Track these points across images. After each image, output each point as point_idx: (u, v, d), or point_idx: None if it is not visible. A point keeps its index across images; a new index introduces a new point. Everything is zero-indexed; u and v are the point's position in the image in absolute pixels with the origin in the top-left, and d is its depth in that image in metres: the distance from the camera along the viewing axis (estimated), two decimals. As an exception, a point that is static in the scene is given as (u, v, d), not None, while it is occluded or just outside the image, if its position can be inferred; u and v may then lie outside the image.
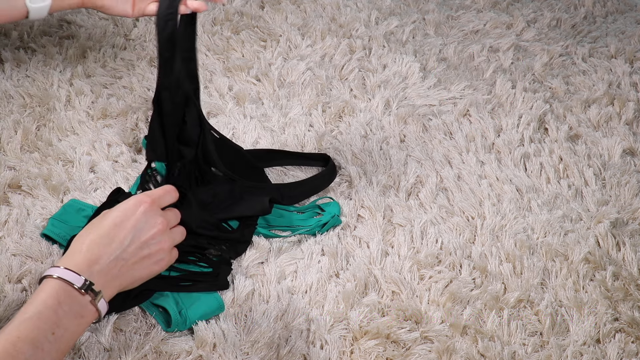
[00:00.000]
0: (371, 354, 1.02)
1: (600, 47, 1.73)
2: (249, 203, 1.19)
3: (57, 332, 0.68)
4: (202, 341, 1.00)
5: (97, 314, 0.72)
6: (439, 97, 1.52)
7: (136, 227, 0.77)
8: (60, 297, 0.70)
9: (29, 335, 0.67)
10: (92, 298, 0.71)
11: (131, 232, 0.76)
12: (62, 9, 1.23)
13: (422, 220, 1.22)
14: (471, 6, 1.85)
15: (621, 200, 1.31)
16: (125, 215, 0.77)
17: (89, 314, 0.71)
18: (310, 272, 1.12)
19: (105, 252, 0.74)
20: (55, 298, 0.69)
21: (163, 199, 0.81)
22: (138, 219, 0.77)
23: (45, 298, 0.69)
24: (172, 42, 1.09)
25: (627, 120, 1.50)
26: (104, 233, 0.76)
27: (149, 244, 0.78)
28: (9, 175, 1.21)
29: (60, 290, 0.70)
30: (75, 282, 0.70)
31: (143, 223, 0.77)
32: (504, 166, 1.36)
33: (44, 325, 0.68)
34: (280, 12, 1.72)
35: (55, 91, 1.41)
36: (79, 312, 0.70)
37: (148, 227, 0.77)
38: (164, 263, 0.79)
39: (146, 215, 0.78)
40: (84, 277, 0.71)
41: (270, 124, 1.40)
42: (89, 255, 0.74)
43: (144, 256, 0.77)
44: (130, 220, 0.77)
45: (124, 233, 0.76)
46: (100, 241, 0.75)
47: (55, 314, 0.69)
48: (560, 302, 1.12)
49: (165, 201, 0.81)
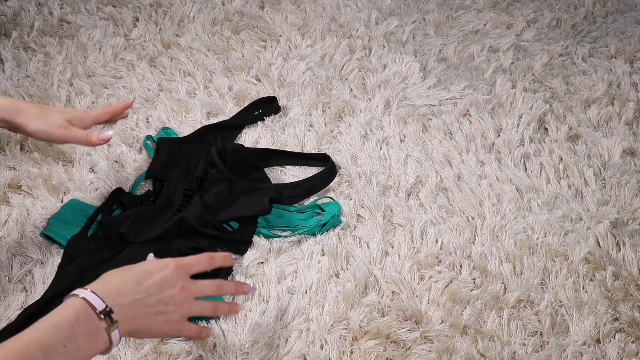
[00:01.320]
0: (371, 354, 1.02)
1: (600, 47, 1.73)
2: (249, 203, 1.19)
3: (69, 346, 0.70)
4: (202, 341, 1.00)
5: (108, 343, 0.75)
6: (439, 97, 1.51)
7: (162, 281, 0.82)
8: (80, 315, 0.73)
9: (43, 342, 0.69)
10: (107, 325, 0.74)
11: (157, 284, 0.82)
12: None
13: (422, 220, 1.22)
14: (471, 6, 1.85)
15: (621, 200, 1.31)
16: (156, 268, 0.83)
17: (102, 341, 0.74)
18: (310, 272, 1.12)
19: (132, 290, 0.80)
20: (75, 314, 0.73)
21: (193, 267, 0.87)
22: (165, 275, 0.82)
23: (66, 313, 0.73)
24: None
25: (627, 120, 1.50)
26: (134, 275, 0.81)
27: (168, 302, 0.82)
28: (9, 175, 1.21)
29: (81, 309, 0.74)
30: (97, 305, 0.73)
31: (169, 281, 0.83)
32: (504, 166, 1.36)
33: (59, 336, 0.71)
34: (280, 12, 1.72)
35: (55, 91, 1.41)
36: (92, 335, 0.73)
37: (171, 285, 0.83)
38: (174, 327, 0.83)
39: (172, 274, 0.83)
40: (106, 303, 0.73)
41: (271, 124, 1.40)
42: (117, 287, 0.78)
43: (160, 311, 0.82)
44: (160, 273, 0.82)
45: (151, 282, 0.81)
46: (130, 281, 0.80)
47: (71, 329, 0.72)
48: (560, 302, 1.12)
49: (195, 269, 0.87)
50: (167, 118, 1.39)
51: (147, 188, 1.25)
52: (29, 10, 1.64)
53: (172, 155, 1.28)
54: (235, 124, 1.38)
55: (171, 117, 1.40)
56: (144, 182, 1.26)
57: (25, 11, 1.64)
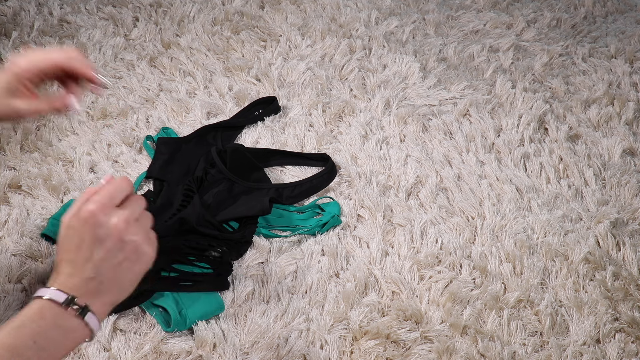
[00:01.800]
0: (371, 354, 1.02)
1: (600, 47, 1.73)
2: (249, 203, 1.19)
3: (39, 341, 0.69)
4: (202, 341, 1.00)
5: (87, 329, 0.71)
6: (439, 97, 1.51)
7: (95, 239, 0.72)
8: (43, 311, 0.71)
9: (8, 342, 0.68)
10: (76, 313, 0.71)
11: (93, 245, 0.72)
12: None
13: (422, 220, 1.22)
14: (471, 6, 1.85)
15: (621, 200, 1.31)
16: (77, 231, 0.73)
17: (79, 329, 0.71)
18: (310, 272, 1.12)
19: (80, 268, 0.72)
20: (39, 312, 0.71)
21: (113, 198, 0.74)
22: (93, 233, 0.72)
23: (29, 313, 0.71)
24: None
25: (627, 120, 1.50)
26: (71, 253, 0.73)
27: (116, 252, 0.73)
28: (9, 175, 1.21)
29: (45, 306, 0.71)
30: (58, 298, 0.71)
31: (100, 234, 0.72)
32: (504, 166, 1.36)
33: (25, 335, 0.69)
34: (280, 12, 1.72)
35: (55, 91, 1.41)
36: (64, 326, 0.71)
37: (105, 236, 0.72)
38: (147, 257, 0.75)
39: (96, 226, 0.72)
40: (66, 293, 0.71)
41: (271, 124, 1.40)
42: (67, 272, 0.72)
43: (119, 262, 0.74)
44: (87, 234, 0.72)
45: (87, 248, 0.72)
46: (74, 262, 0.72)
47: (37, 326, 0.70)
48: (560, 302, 1.12)
49: (117, 199, 0.75)
50: (167, 118, 1.39)
51: (147, 188, 1.25)
52: (29, 10, 1.64)
53: (172, 155, 1.28)
54: (235, 124, 1.38)
55: (171, 117, 1.40)
56: (144, 182, 1.26)
57: (25, 11, 1.64)
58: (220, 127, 1.36)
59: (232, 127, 1.37)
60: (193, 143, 1.32)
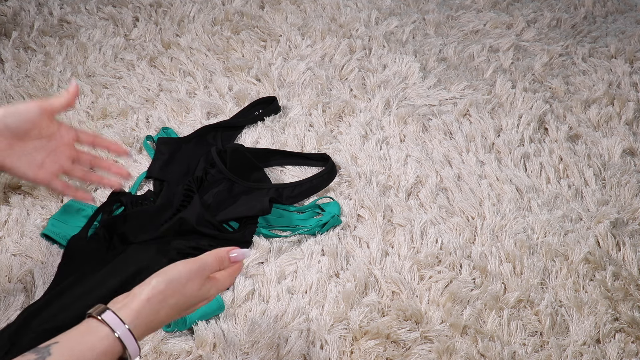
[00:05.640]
0: (371, 354, 1.02)
1: (600, 47, 1.73)
2: (249, 203, 1.19)
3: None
4: (202, 341, 1.00)
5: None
6: (439, 97, 1.51)
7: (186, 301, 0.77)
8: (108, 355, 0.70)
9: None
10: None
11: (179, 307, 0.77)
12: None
13: (422, 220, 1.22)
14: (471, 6, 1.85)
15: (621, 200, 1.31)
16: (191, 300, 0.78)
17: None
18: (310, 272, 1.12)
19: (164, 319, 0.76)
20: (104, 355, 0.70)
21: (211, 268, 0.81)
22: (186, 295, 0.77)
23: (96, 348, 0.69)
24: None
25: (627, 120, 1.50)
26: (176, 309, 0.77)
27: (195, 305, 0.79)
28: (9, 175, 1.21)
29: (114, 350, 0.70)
30: (132, 353, 0.71)
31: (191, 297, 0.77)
32: (504, 166, 1.36)
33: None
34: (280, 12, 1.72)
35: (55, 91, 1.41)
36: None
37: (195, 301, 0.78)
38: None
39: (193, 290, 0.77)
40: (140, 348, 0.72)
41: (271, 124, 1.40)
42: (152, 324, 0.74)
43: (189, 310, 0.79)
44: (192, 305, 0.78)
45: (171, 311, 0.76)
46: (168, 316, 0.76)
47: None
48: (560, 302, 1.12)
49: (213, 269, 0.81)
50: (167, 118, 1.39)
51: (147, 188, 1.25)
52: (29, 10, 1.64)
53: (172, 155, 1.28)
54: (235, 124, 1.38)
55: (171, 117, 1.40)
56: (144, 182, 1.26)
57: (25, 11, 1.64)
58: (220, 127, 1.36)
59: (232, 127, 1.37)
60: (193, 143, 1.32)
